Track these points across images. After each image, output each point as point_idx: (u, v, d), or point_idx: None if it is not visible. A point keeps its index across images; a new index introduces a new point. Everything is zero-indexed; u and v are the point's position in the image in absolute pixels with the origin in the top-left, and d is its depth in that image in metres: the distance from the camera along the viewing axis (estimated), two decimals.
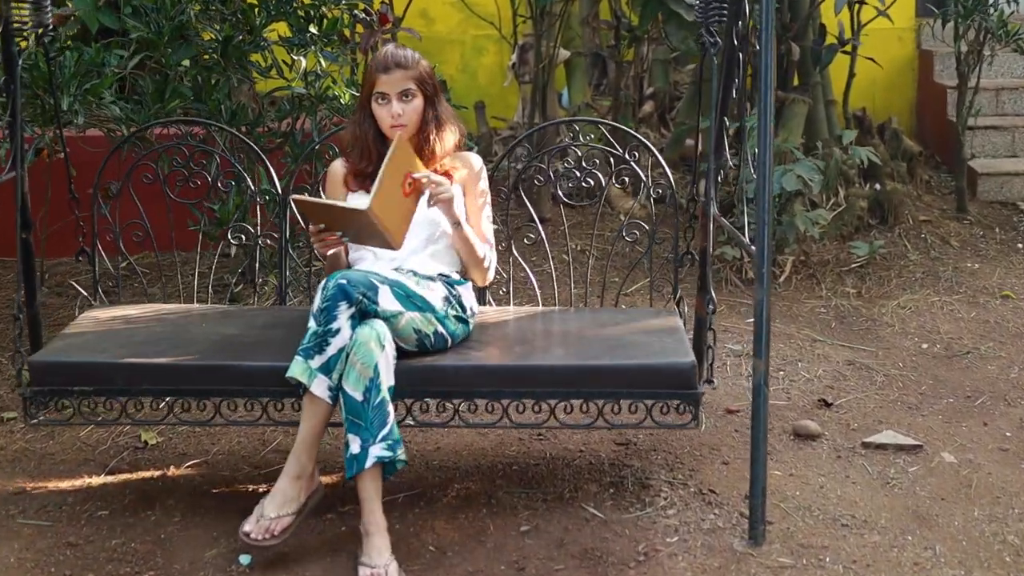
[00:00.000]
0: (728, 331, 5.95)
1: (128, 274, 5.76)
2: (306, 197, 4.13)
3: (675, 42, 6.61)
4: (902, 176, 7.86)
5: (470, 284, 4.36)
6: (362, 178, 4.29)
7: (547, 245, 4.84)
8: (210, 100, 5.61)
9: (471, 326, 4.26)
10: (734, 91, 4.53)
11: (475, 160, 4.41)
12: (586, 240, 7.09)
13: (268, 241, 5.20)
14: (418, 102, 4.25)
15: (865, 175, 7.62)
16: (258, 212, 4.98)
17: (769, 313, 3.92)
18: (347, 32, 5.57)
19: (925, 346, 5.89)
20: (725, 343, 5.73)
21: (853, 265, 6.86)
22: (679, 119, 7.98)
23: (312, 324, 3.90)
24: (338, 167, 4.39)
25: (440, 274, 4.28)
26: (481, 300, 4.60)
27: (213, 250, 6.22)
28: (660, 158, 4.83)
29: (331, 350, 3.86)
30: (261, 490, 4.39)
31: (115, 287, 4.98)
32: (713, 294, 4.20)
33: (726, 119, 4.54)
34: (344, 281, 3.89)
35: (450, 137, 4.35)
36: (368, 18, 5.45)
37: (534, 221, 4.84)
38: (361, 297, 3.89)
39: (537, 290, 4.92)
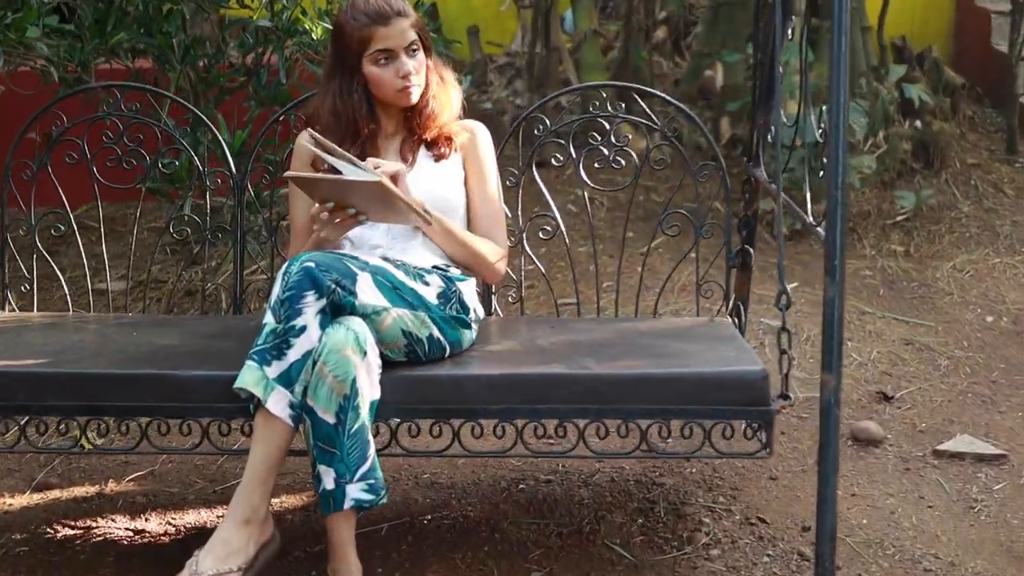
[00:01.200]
0: (762, 300, 5.15)
1: (60, 244, 4.86)
2: (303, 172, 3.31)
3: None
4: (945, 113, 7.02)
5: (473, 281, 3.56)
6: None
7: (566, 237, 4.00)
8: (160, 33, 4.75)
9: (475, 332, 3.46)
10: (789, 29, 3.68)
11: (480, 131, 3.60)
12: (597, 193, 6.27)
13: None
14: (422, 56, 3.45)
15: (904, 111, 6.79)
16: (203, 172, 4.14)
17: (842, 314, 3.09)
18: None
19: (990, 319, 5.11)
20: (759, 316, 4.94)
21: (899, 218, 6.05)
22: (697, 48, 7.11)
23: (269, 319, 3.10)
24: (305, 144, 3.56)
25: (436, 266, 3.49)
26: (486, 308, 3.79)
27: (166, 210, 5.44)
28: (704, 131, 3.98)
29: (293, 354, 3.07)
30: (216, 516, 3.62)
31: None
32: (787, 287, 3.36)
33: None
34: (311, 264, 3.09)
35: (456, 96, 3.57)
36: None
37: (548, 208, 3.99)
38: (333, 286, 3.09)
39: (553, 293, 4.08)
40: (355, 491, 3.04)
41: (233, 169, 3.94)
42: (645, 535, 3.48)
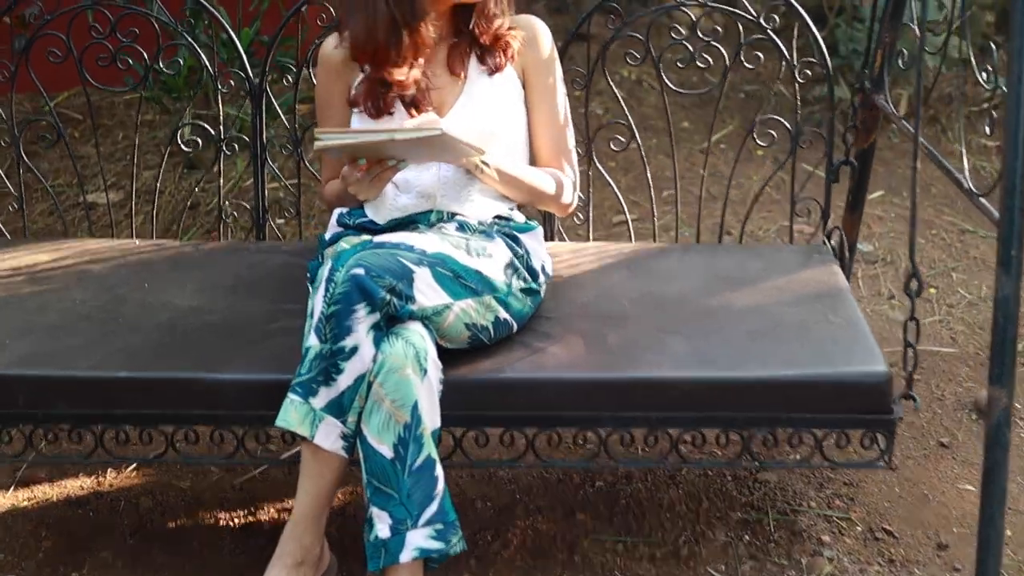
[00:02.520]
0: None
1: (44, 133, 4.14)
2: (335, 138, 2.61)
3: None
4: None
5: (539, 230, 2.96)
6: (380, 87, 2.79)
7: (642, 151, 3.35)
8: None
9: (543, 294, 2.87)
10: None
11: (541, 32, 2.93)
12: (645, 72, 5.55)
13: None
14: None
15: None
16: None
17: (1017, 314, 2.48)
18: None
19: None
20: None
21: (984, 104, 5.35)
22: None
23: (312, 341, 2.50)
24: (333, 54, 2.90)
25: (498, 216, 2.88)
26: (548, 232, 3.23)
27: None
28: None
29: (344, 380, 2.48)
30: (239, 522, 3.04)
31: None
32: (918, 268, 2.73)
33: None
34: (360, 270, 2.47)
35: None
36: None
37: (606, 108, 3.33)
38: (388, 296, 2.48)
39: (628, 215, 3.43)
40: (419, 538, 2.46)
41: (248, 69, 3.27)
42: (755, 559, 2.89)
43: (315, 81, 3.02)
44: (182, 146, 3.43)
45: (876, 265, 4.23)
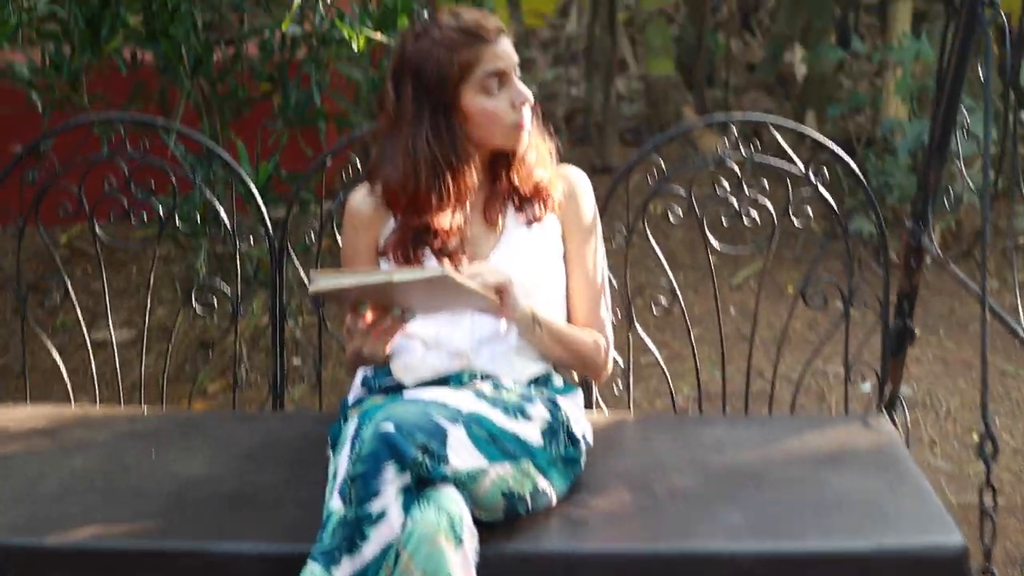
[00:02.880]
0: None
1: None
2: (331, 279, 2.44)
3: None
4: None
5: (579, 393, 2.78)
6: (416, 236, 2.66)
7: (685, 314, 3.19)
8: (165, 37, 3.90)
9: (583, 463, 2.67)
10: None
11: (581, 183, 2.79)
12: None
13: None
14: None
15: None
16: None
17: None
18: None
19: None
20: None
21: (1021, 239, 5.21)
22: (776, 29, 6.23)
23: (335, 504, 2.31)
24: (362, 206, 2.75)
25: (536, 379, 2.70)
26: (586, 400, 2.98)
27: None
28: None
29: (370, 550, 2.28)
30: None
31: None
32: (992, 430, 2.56)
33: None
34: (390, 427, 2.30)
35: (546, 140, 2.77)
36: None
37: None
38: (419, 456, 2.30)
39: (671, 384, 3.24)
40: None
41: (269, 225, 3.11)
42: None
43: (340, 236, 2.88)
44: (195, 307, 3.24)
45: (916, 409, 4.05)
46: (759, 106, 6.16)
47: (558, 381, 2.73)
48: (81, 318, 3.36)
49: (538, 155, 2.71)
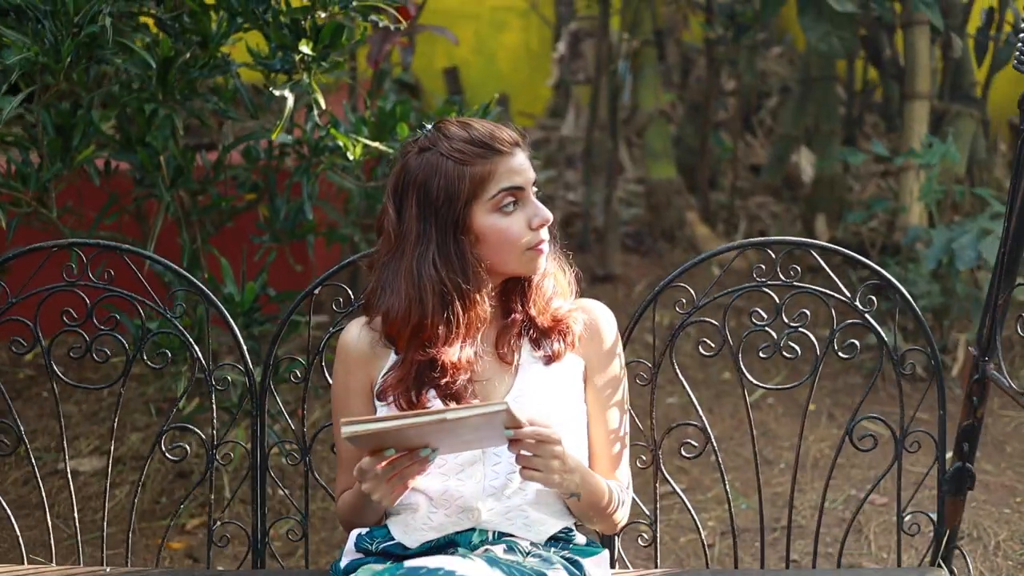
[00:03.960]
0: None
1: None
2: (367, 425, 2.14)
3: (813, 39, 4.63)
4: None
5: (605, 553, 2.45)
6: (420, 373, 2.33)
7: (719, 456, 2.85)
8: (142, 147, 3.60)
9: None
10: None
11: (603, 317, 2.49)
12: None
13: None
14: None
15: None
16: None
17: None
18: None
19: None
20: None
21: None
22: (784, 130, 5.98)
23: None
24: (356, 344, 2.44)
25: (554, 537, 2.38)
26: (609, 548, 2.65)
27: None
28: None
29: None
30: None
31: None
32: None
33: None
34: None
35: (563, 268, 2.47)
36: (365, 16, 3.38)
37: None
38: None
39: (702, 534, 2.87)
40: None
41: (249, 366, 2.76)
42: None
43: (331, 376, 2.54)
44: (167, 455, 2.87)
45: (962, 542, 3.72)
46: (766, 210, 5.90)
47: (580, 539, 2.42)
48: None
49: (556, 284, 2.42)
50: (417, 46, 5.07)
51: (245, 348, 2.75)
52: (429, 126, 2.36)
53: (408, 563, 2.17)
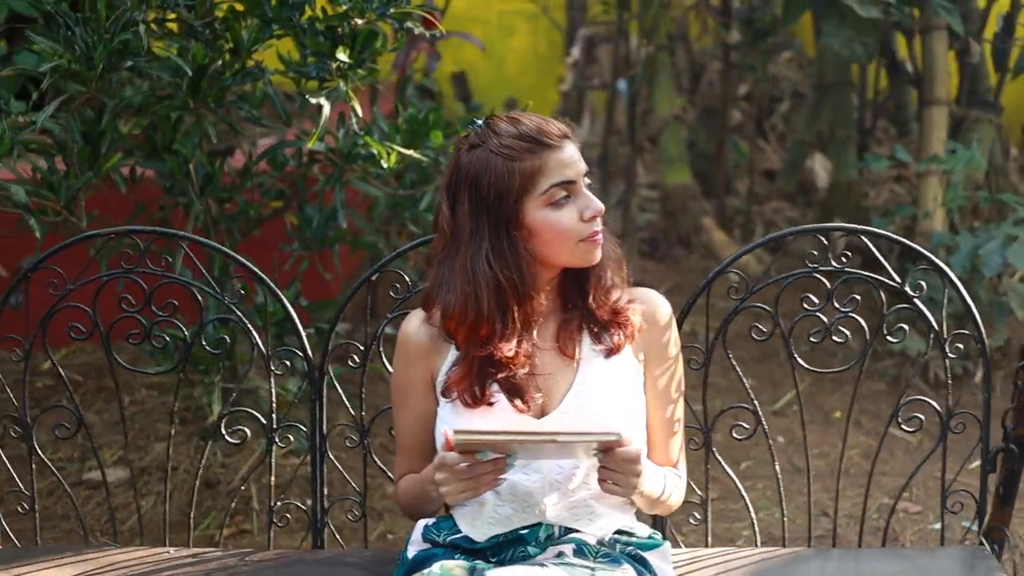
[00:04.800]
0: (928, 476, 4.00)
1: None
2: (482, 436, 2.16)
3: (836, 45, 4.62)
4: None
5: (667, 545, 2.46)
6: (482, 368, 2.33)
7: (769, 438, 2.85)
8: (170, 155, 3.57)
9: None
10: None
11: (660, 307, 2.47)
12: None
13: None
14: None
15: None
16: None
17: None
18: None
19: None
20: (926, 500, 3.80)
21: None
22: (798, 135, 5.97)
23: None
24: (416, 335, 2.44)
25: (618, 532, 2.39)
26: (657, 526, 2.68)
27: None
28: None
29: None
30: None
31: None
32: None
33: None
34: None
35: (618, 255, 2.45)
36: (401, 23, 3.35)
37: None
38: None
39: (752, 512, 2.90)
40: None
41: (307, 347, 2.76)
42: None
43: (391, 367, 2.54)
44: (228, 438, 2.87)
45: (1014, 556, 3.70)
46: (781, 215, 5.89)
47: (642, 531, 2.44)
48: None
49: (613, 275, 2.39)
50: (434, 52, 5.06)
51: (304, 334, 2.75)
52: (479, 122, 2.36)
53: (489, 574, 2.17)
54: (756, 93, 6.13)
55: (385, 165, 3.35)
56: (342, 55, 3.16)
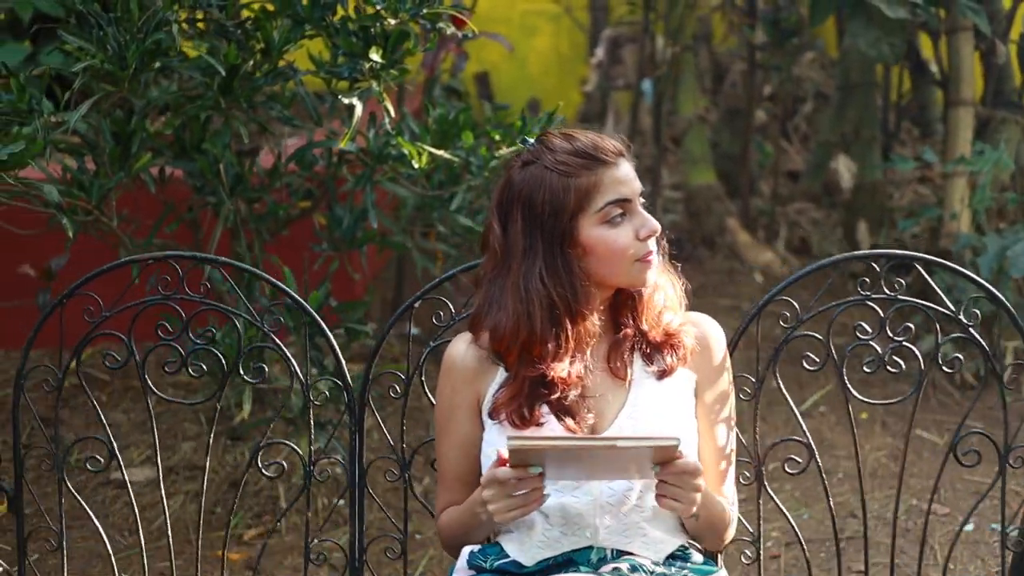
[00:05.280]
0: (960, 487, 4.00)
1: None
2: (538, 441, 2.15)
3: (863, 45, 4.61)
4: None
5: (723, 572, 2.42)
6: (532, 389, 2.31)
7: (822, 471, 2.80)
8: (199, 155, 3.58)
9: None
10: None
11: (712, 332, 2.45)
12: None
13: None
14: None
15: None
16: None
17: None
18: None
19: None
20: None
21: None
22: (822, 136, 5.96)
23: None
24: (462, 360, 2.41)
25: (671, 555, 2.35)
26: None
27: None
28: None
29: None
30: None
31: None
32: None
33: None
34: None
35: (673, 278, 2.43)
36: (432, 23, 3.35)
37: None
38: None
39: (803, 545, 2.80)
40: None
41: (347, 375, 2.68)
42: None
43: (435, 393, 2.49)
44: (264, 472, 2.83)
45: None
46: (806, 216, 5.87)
47: (697, 557, 2.39)
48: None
49: (667, 298, 2.38)
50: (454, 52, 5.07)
51: (344, 363, 2.69)
52: (532, 140, 2.34)
53: None
54: (780, 94, 6.12)
55: (416, 165, 3.36)
56: (375, 55, 3.16)
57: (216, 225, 3.63)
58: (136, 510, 2.89)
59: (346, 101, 3.19)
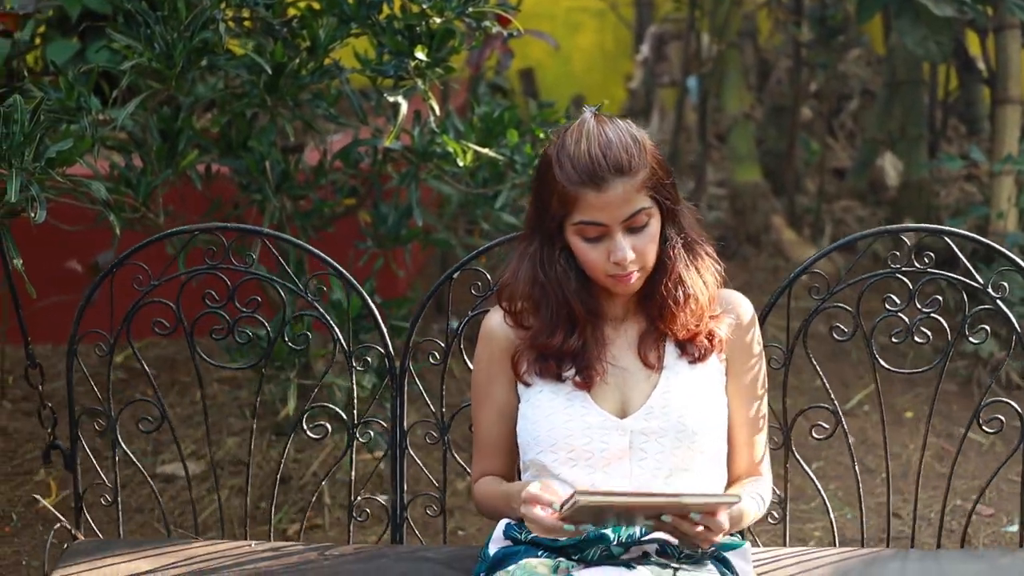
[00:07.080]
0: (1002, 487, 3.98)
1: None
2: (606, 498, 2.17)
3: (910, 43, 4.57)
4: None
5: (747, 546, 2.44)
6: (550, 358, 2.37)
7: (849, 438, 2.84)
8: (245, 152, 3.60)
9: None
10: None
11: (746, 313, 2.47)
12: None
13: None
14: (654, 228, 2.31)
15: None
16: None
17: None
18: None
19: None
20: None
21: None
22: (868, 133, 5.93)
23: None
24: (500, 329, 2.47)
25: None
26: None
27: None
28: None
29: None
30: None
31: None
32: None
33: None
34: None
35: (708, 275, 2.42)
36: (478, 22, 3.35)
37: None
38: None
39: (831, 513, 2.89)
40: None
41: (388, 342, 2.80)
42: None
43: (472, 361, 2.56)
44: (308, 432, 2.89)
45: None
46: (851, 214, 5.84)
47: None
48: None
49: (696, 306, 2.38)
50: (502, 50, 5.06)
51: (385, 330, 2.80)
52: (594, 109, 2.37)
53: (576, 574, 2.18)
54: (826, 91, 6.09)
55: (460, 163, 3.37)
56: (420, 54, 3.17)
57: (262, 222, 3.65)
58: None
59: (391, 99, 3.20)
